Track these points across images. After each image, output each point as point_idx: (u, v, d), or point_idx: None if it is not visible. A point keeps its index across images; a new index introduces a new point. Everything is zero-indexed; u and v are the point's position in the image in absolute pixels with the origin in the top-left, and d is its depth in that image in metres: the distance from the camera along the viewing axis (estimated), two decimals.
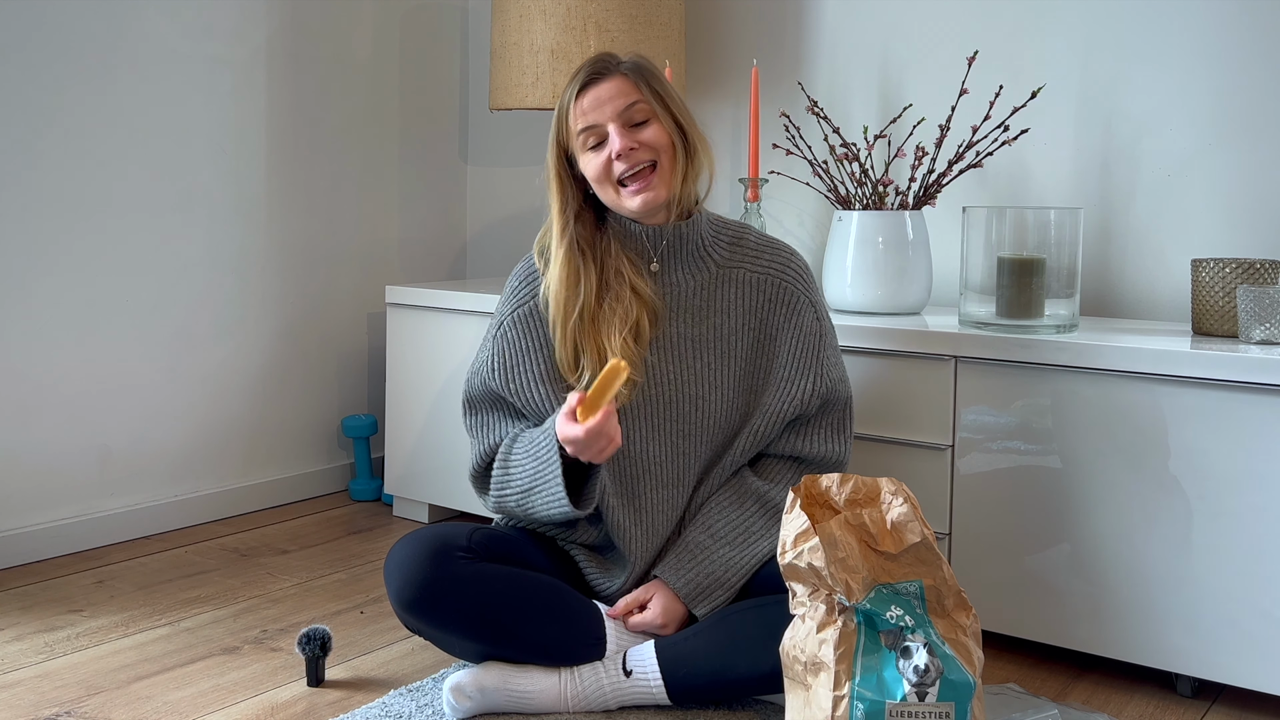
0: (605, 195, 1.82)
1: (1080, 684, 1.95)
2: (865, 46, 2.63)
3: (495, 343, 1.89)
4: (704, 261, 1.86)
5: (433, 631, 1.77)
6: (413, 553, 1.75)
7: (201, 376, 2.75)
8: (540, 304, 1.86)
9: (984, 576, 2.03)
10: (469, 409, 1.93)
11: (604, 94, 1.79)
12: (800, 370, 1.85)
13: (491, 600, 1.74)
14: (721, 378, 1.84)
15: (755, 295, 1.86)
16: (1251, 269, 1.99)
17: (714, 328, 1.85)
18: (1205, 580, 1.84)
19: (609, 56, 1.84)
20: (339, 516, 2.85)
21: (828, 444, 1.89)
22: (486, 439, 1.90)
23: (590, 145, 1.81)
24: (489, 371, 1.89)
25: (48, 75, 2.43)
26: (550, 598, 1.78)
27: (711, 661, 1.73)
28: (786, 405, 1.85)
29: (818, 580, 1.51)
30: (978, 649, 1.52)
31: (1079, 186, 2.39)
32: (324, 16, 2.92)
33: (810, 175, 2.47)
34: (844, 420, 1.91)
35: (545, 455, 1.77)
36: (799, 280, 1.88)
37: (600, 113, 1.79)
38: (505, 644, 1.76)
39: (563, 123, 1.83)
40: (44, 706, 1.80)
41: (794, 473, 1.89)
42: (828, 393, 1.87)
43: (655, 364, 1.83)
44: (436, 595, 1.73)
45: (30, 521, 2.46)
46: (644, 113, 1.80)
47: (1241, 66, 2.22)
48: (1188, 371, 1.83)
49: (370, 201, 3.08)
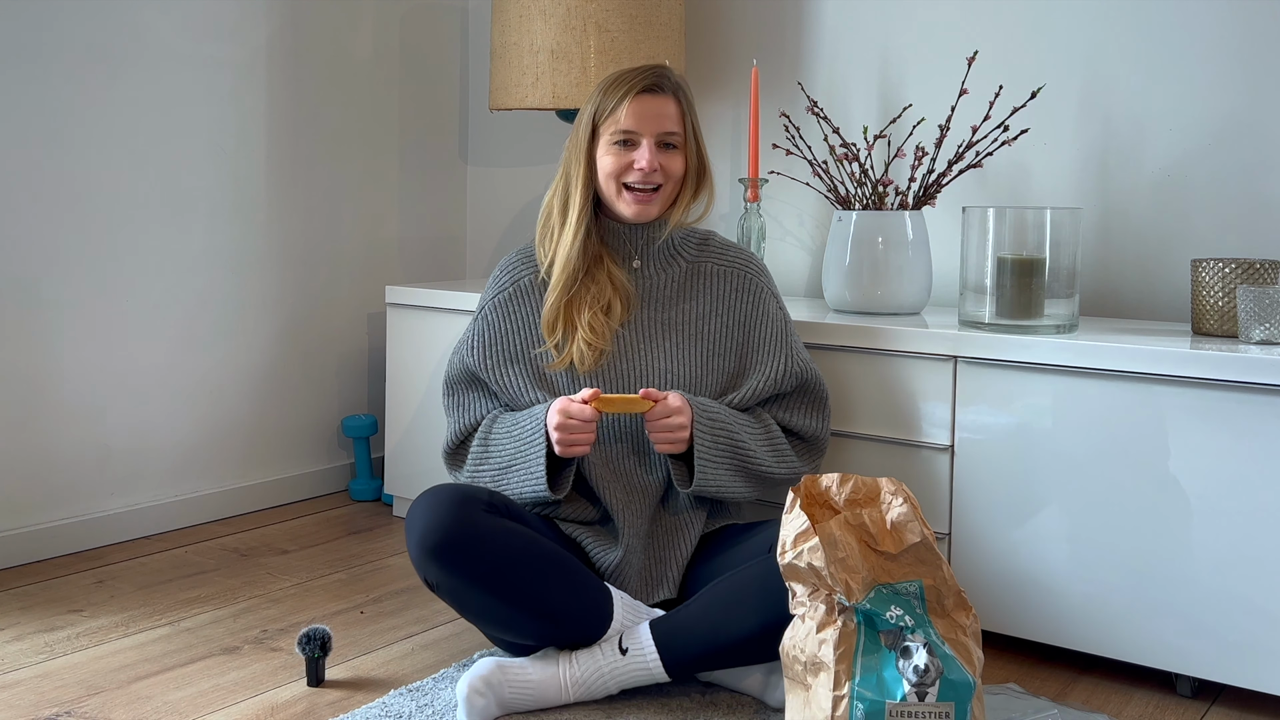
0: (607, 188, 1.97)
1: (1080, 684, 1.96)
2: (865, 46, 2.63)
3: (476, 325, 2.03)
4: (675, 259, 2.03)
5: (452, 582, 1.75)
6: (437, 501, 1.78)
7: (201, 376, 2.75)
8: (524, 286, 2.02)
9: (984, 576, 2.03)
10: (448, 389, 2.05)
11: (656, 108, 1.94)
12: (775, 353, 1.99)
13: (512, 555, 1.76)
14: (689, 355, 1.97)
15: (723, 284, 2.02)
16: (1251, 269, 1.99)
17: (684, 312, 2.00)
18: (1205, 580, 1.84)
19: (667, 71, 1.98)
20: (339, 516, 2.85)
21: (806, 418, 2.00)
22: (463, 418, 2.01)
23: (618, 142, 1.94)
24: (468, 350, 2.02)
25: (48, 75, 2.43)
26: (565, 564, 1.81)
27: (702, 626, 1.77)
28: (763, 384, 1.97)
29: (818, 580, 1.51)
30: (978, 649, 1.52)
31: (1079, 186, 2.39)
32: (324, 16, 2.92)
33: (810, 175, 2.47)
34: (820, 400, 2.02)
35: (529, 438, 1.88)
36: (761, 274, 2.06)
37: (646, 124, 1.93)
38: (520, 603, 1.76)
39: (607, 108, 1.95)
40: (44, 706, 1.80)
41: (776, 426, 1.98)
42: (801, 372, 2.00)
43: (629, 343, 1.97)
44: (460, 543, 1.74)
45: (30, 521, 2.46)
46: (676, 141, 1.96)
47: (1241, 66, 2.22)
48: (1187, 372, 1.83)
49: (370, 201, 3.08)
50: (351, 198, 3.03)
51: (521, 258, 2.05)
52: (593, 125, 1.97)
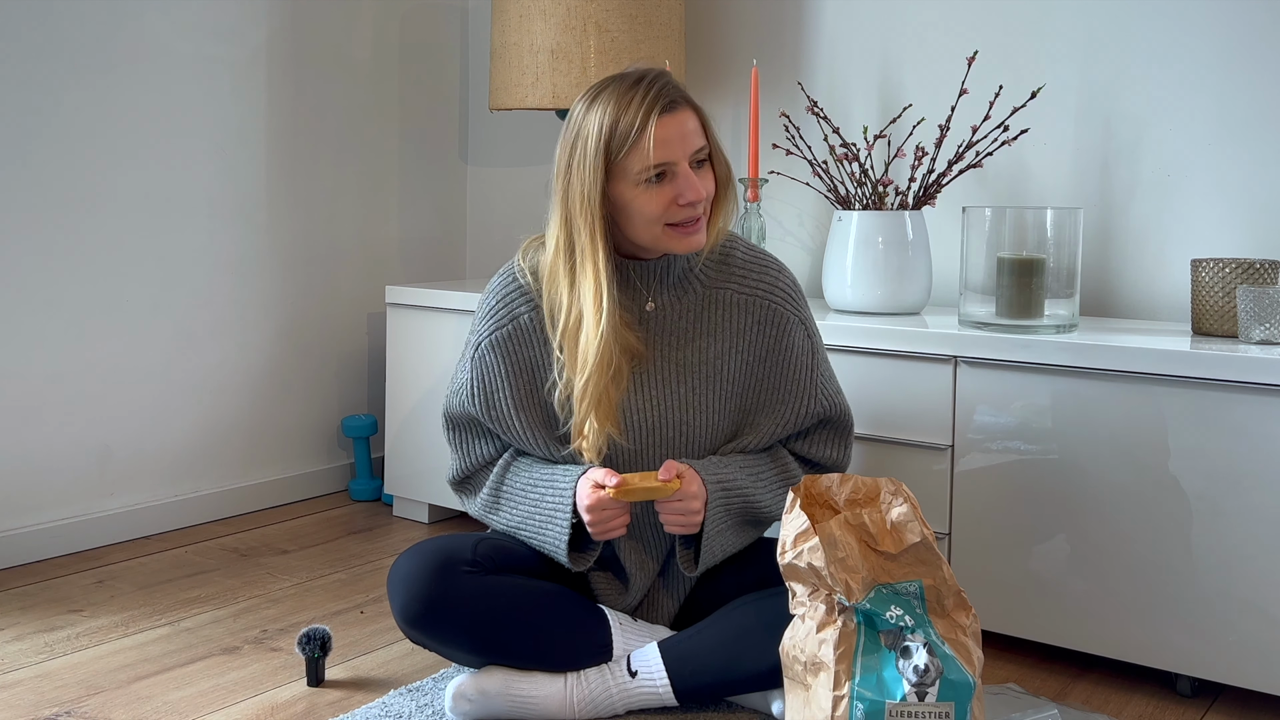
0: (648, 232, 1.70)
1: (1080, 684, 1.96)
2: (865, 46, 2.63)
3: (474, 367, 1.82)
4: (690, 285, 1.79)
5: (437, 646, 1.77)
6: (417, 567, 1.74)
7: (201, 376, 2.75)
8: (524, 326, 1.78)
9: (984, 576, 2.03)
10: (449, 425, 1.90)
11: (682, 129, 1.67)
12: (796, 394, 1.81)
13: (496, 614, 1.73)
14: (707, 401, 1.79)
15: (743, 317, 1.79)
16: (1251, 269, 1.99)
17: (699, 351, 1.78)
18: (1205, 580, 1.84)
19: (670, 79, 1.71)
20: (339, 516, 2.85)
21: (826, 449, 1.87)
22: (468, 456, 1.89)
23: (651, 178, 1.66)
24: (468, 396, 1.83)
25: (47, 75, 2.43)
26: (556, 606, 1.77)
27: (717, 657, 1.73)
28: (780, 428, 1.82)
29: (817, 580, 1.51)
30: (978, 649, 1.52)
31: (1079, 186, 2.39)
32: (324, 16, 2.92)
33: (810, 175, 2.47)
34: (844, 432, 1.88)
35: (551, 510, 1.76)
36: (788, 300, 1.81)
37: (680, 148, 1.66)
38: (510, 656, 1.75)
39: (625, 140, 1.65)
40: (44, 706, 1.80)
41: (793, 459, 1.86)
42: (825, 411, 1.84)
43: (641, 389, 1.78)
44: (440, 611, 1.72)
45: (30, 521, 2.46)
46: (704, 156, 1.71)
47: (1241, 66, 2.22)
48: (1187, 371, 1.83)
49: (370, 201, 3.08)
50: (351, 198, 3.03)
51: (516, 289, 1.80)
52: (605, 162, 1.66)
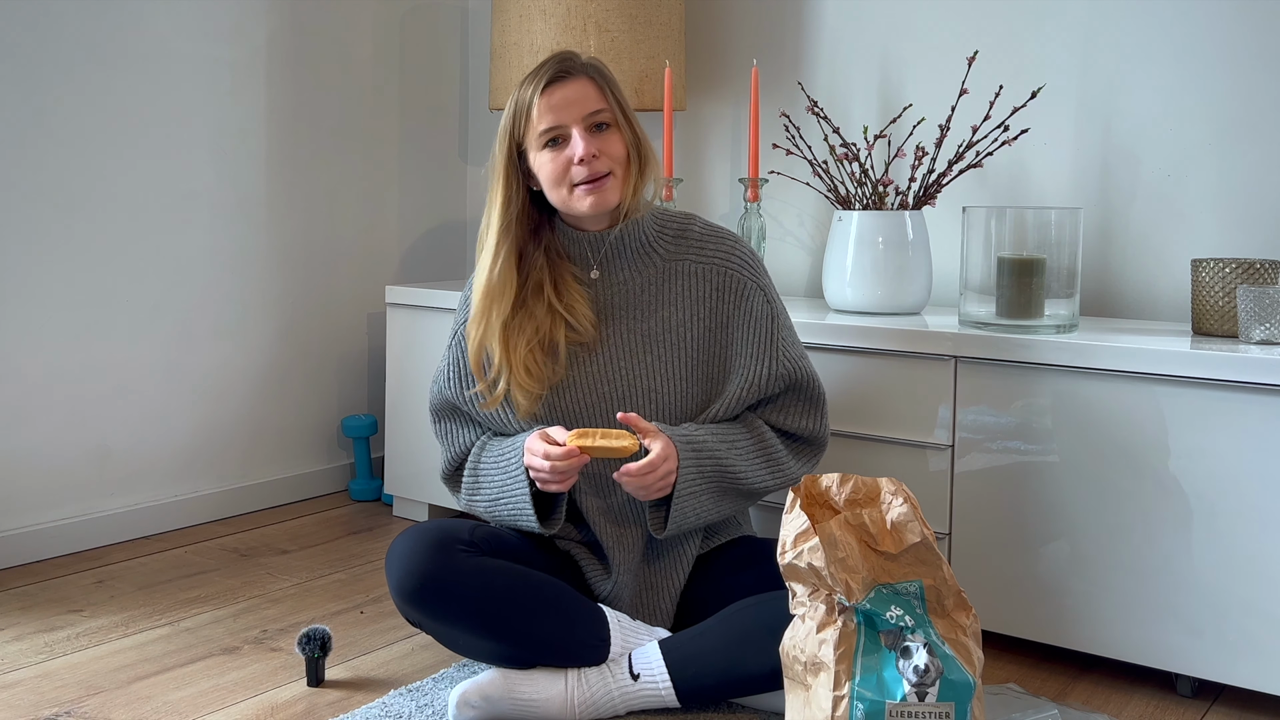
0: (557, 195, 1.82)
1: (1080, 684, 1.96)
2: (865, 46, 2.63)
3: (450, 353, 1.94)
4: (649, 258, 1.87)
5: (434, 625, 1.77)
6: (415, 544, 1.76)
7: (201, 376, 2.75)
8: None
9: (984, 576, 2.03)
10: (434, 417, 1.98)
11: (571, 95, 1.80)
12: (757, 355, 1.85)
13: (494, 594, 1.74)
14: (673, 369, 1.85)
15: (702, 285, 1.86)
16: (1251, 269, 1.99)
17: (663, 320, 1.85)
18: (1205, 580, 1.84)
19: (573, 55, 1.84)
20: (339, 516, 2.85)
21: (801, 419, 1.89)
22: (453, 446, 1.96)
23: (548, 144, 1.80)
24: (444, 381, 1.94)
25: (48, 75, 2.43)
26: (553, 595, 1.78)
27: (719, 659, 1.73)
28: (745, 391, 1.85)
29: (817, 580, 1.51)
30: (978, 649, 1.52)
31: (1079, 186, 2.39)
32: (324, 16, 2.92)
33: (810, 175, 2.47)
34: (815, 398, 1.90)
35: (513, 471, 1.82)
36: (745, 266, 1.88)
37: (567, 113, 1.79)
38: (507, 639, 1.75)
39: (521, 117, 1.82)
40: (44, 706, 1.80)
41: (769, 429, 1.88)
42: (789, 374, 1.87)
43: (608, 359, 1.85)
44: (438, 587, 1.73)
45: (30, 521, 2.46)
46: (606, 119, 1.81)
47: (1241, 66, 2.22)
48: (1187, 371, 1.83)
49: (370, 201, 3.08)
50: (351, 197, 3.03)
51: None
52: (511, 142, 1.83)
